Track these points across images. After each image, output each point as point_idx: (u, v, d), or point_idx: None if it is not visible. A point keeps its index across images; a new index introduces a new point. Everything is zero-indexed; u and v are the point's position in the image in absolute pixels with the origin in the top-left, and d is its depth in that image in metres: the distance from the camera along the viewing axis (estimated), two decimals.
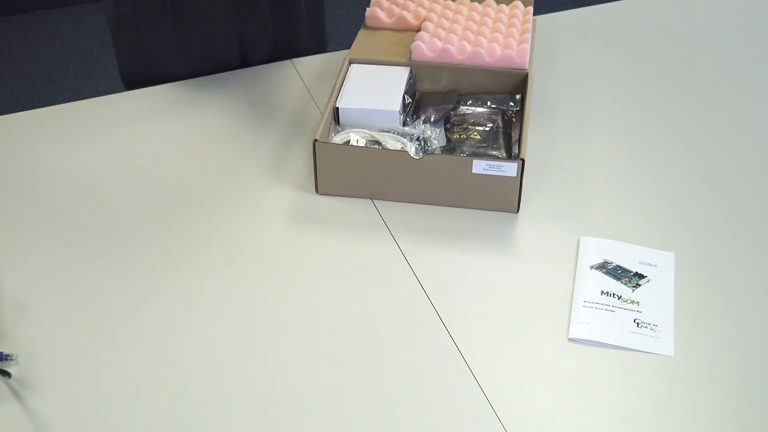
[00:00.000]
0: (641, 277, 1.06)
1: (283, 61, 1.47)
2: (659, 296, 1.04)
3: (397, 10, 1.41)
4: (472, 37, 1.33)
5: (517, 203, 1.15)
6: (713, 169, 1.25)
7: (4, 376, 0.91)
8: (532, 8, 1.43)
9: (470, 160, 1.11)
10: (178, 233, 1.12)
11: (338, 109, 1.21)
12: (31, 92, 2.77)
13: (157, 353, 0.96)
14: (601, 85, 1.43)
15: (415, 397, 0.92)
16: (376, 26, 1.40)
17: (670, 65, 1.49)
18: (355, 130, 1.20)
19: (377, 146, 1.17)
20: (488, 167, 1.11)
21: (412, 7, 1.42)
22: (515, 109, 1.28)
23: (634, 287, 1.05)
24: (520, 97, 1.29)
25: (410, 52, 1.31)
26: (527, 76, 1.28)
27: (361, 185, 1.17)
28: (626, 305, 1.02)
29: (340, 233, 1.12)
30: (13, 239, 1.11)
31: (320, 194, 1.19)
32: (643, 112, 1.37)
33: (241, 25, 1.40)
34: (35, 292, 1.03)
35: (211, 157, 1.25)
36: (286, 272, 1.07)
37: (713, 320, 1.01)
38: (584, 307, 1.02)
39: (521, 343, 0.98)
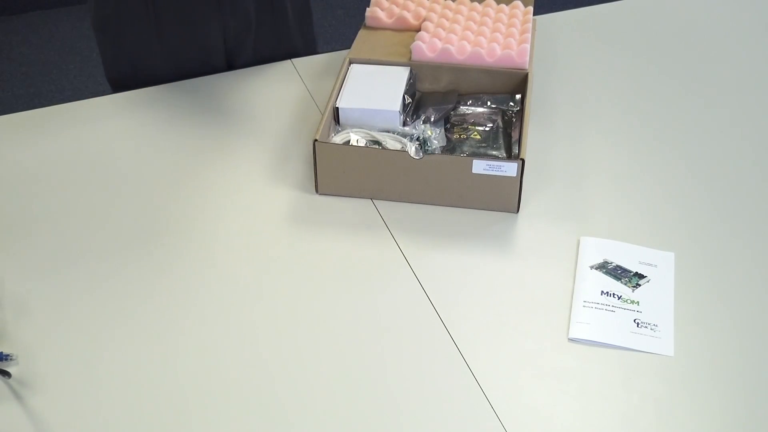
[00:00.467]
0: (641, 277, 1.06)
1: (282, 61, 1.47)
2: (659, 296, 1.04)
3: (397, 10, 1.41)
4: (472, 37, 1.33)
5: (517, 203, 1.15)
6: (713, 169, 1.25)
7: (4, 376, 0.91)
8: (532, 8, 1.43)
9: (470, 160, 1.11)
10: (178, 233, 1.12)
11: (338, 109, 1.21)
12: (31, 92, 2.77)
13: (156, 353, 0.96)
14: (601, 85, 1.43)
15: (415, 397, 0.92)
16: (376, 26, 1.40)
17: (670, 65, 1.49)
18: (355, 130, 1.20)
19: (377, 146, 1.17)
20: (488, 167, 1.11)
21: (412, 7, 1.42)
22: (515, 109, 1.28)
23: (634, 287, 1.05)
24: (520, 97, 1.29)
25: (410, 52, 1.31)
26: (527, 76, 1.28)
27: (361, 185, 1.17)
28: (626, 305, 1.02)
29: (340, 233, 1.12)
30: (13, 239, 1.11)
31: (320, 194, 1.19)
32: (643, 111, 1.37)
33: (224, 25, 1.39)
34: (35, 292, 1.03)
35: (211, 157, 1.25)
36: (285, 272, 1.07)
37: (713, 320, 1.01)
38: (584, 307, 1.02)
39: (521, 343, 0.98)
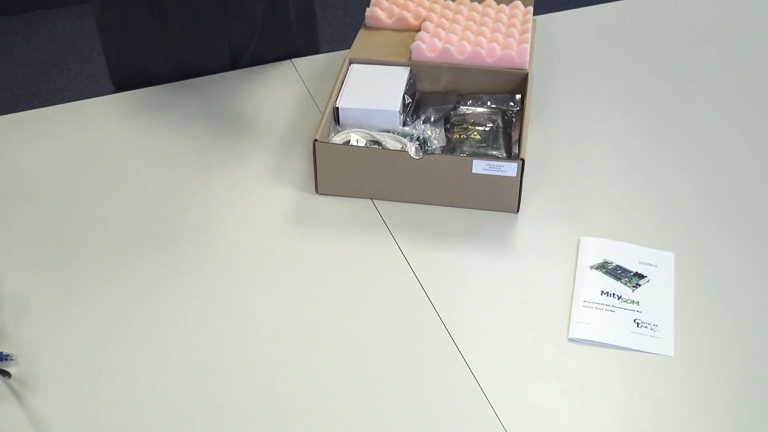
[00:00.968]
0: (641, 277, 1.06)
1: (283, 61, 1.47)
2: (659, 296, 1.04)
3: (397, 10, 1.41)
4: (472, 37, 1.33)
5: (517, 203, 1.15)
6: (713, 169, 1.25)
7: (4, 376, 0.91)
8: (532, 8, 1.43)
9: (470, 160, 1.11)
10: (178, 233, 1.12)
11: (338, 109, 1.21)
12: (31, 92, 2.77)
13: (157, 353, 0.96)
14: (601, 85, 1.43)
15: (415, 397, 0.92)
16: (376, 26, 1.40)
17: (670, 65, 1.49)
18: (355, 130, 1.20)
19: (377, 146, 1.17)
20: (488, 167, 1.11)
21: (412, 7, 1.42)
22: (515, 109, 1.28)
23: (634, 287, 1.05)
24: (520, 97, 1.29)
25: (410, 52, 1.31)
26: (527, 76, 1.28)
27: (361, 185, 1.17)
28: (626, 305, 1.02)
29: (340, 233, 1.12)
30: (13, 239, 1.11)
31: (320, 194, 1.19)
32: (643, 111, 1.37)
33: (229, 26, 1.39)
34: (35, 292, 1.03)
35: (211, 157, 1.25)
36: (285, 272, 1.07)
37: (713, 320, 1.01)
38: (584, 307, 1.02)
39: (521, 343, 0.98)
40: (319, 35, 1.57)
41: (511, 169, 1.11)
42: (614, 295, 1.03)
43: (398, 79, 1.26)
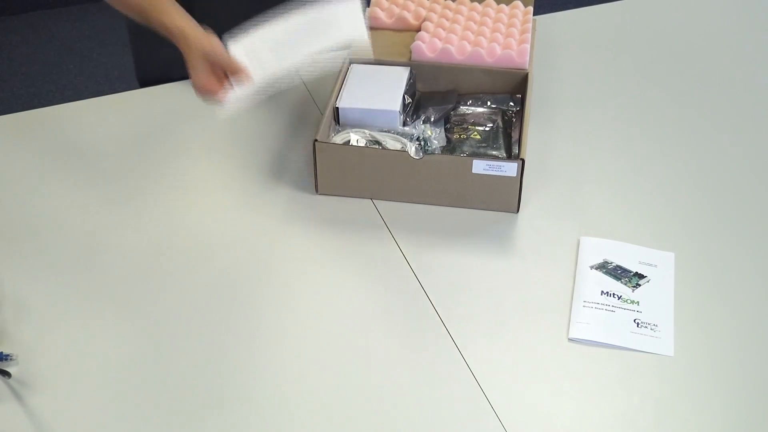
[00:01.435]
0: (641, 277, 1.06)
1: None
2: (659, 296, 1.04)
3: (397, 10, 1.41)
4: (472, 37, 1.33)
5: (517, 203, 1.15)
6: (713, 169, 1.25)
7: (4, 376, 0.91)
8: (532, 8, 1.43)
9: (470, 160, 1.11)
10: (178, 233, 1.12)
11: (338, 109, 1.21)
12: (31, 92, 2.77)
13: (156, 353, 0.96)
14: (600, 85, 1.43)
15: (415, 396, 0.92)
16: (376, 26, 1.40)
17: (670, 65, 1.49)
18: (355, 130, 1.20)
19: (377, 146, 1.17)
20: (488, 167, 1.11)
21: (412, 7, 1.42)
22: (515, 109, 1.28)
23: (634, 287, 1.05)
24: (520, 97, 1.29)
25: (410, 52, 1.31)
26: (527, 76, 1.28)
27: (361, 185, 1.17)
28: (626, 305, 1.02)
29: (340, 233, 1.12)
30: (13, 239, 1.11)
31: (320, 194, 1.19)
32: (643, 111, 1.37)
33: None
34: (35, 292, 1.03)
35: (211, 156, 1.25)
36: (285, 272, 1.07)
37: (713, 320, 1.01)
38: (584, 307, 1.02)
39: (521, 343, 0.98)
40: None
41: (511, 169, 1.11)
42: (614, 295, 1.03)
43: (398, 79, 1.26)
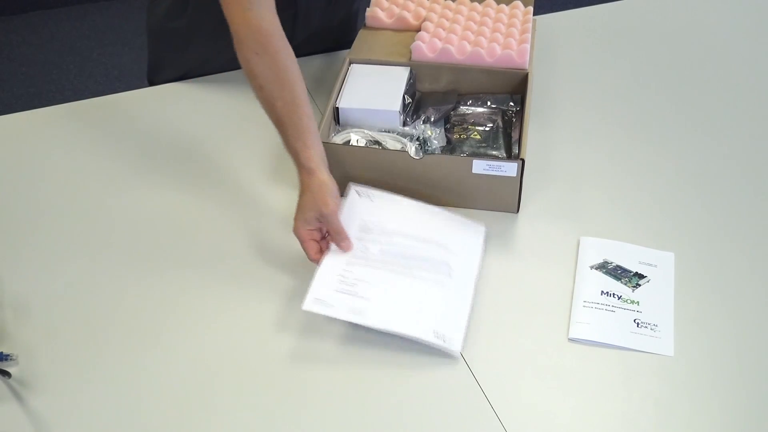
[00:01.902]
0: (641, 277, 1.06)
1: None
2: (659, 296, 1.04)
3: (397, 10, 1.41)
4: (472, 37, 1.33)
5: (517, 203, 1.15)
6: (713, 169, 1.25)
7: (4, 376, 0.91)
8: (532, 8, 1.43)
9: (470, 160, 1.11)
10: (177, 233, 1.12)
11: (338, 109, 1.21)
12: (31, 92, 2.77)
13: (156, 353, 0.96)
14: (601, 85, 1.43)
15: (415, 396, 0.92)
16: (376, 26, 1.40)
17: (670, 65, 1.49)
18: (355, 130, 1.20)
19: (377, 146, 1.17)
20: (488, 167, 1.11)
21: (412, 7, 1.42)
22: (515, 109, 1.28)
23: (634, 287, 1.05)
24: (520, 97, 1.29)
25: (410, 52, 1.31)
26: (527, 76, 1.28)
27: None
28: (626, 305, 1.02)
29: None
30: (13, 239, 1.11)
31: None
32: (643, 111, 1.37)
33: (291, 34, 1.37)
34: (35, 292, 1.03)
35: (211, 157, 1.25)
36: (285, 272, 1.07)
37: (713, 320, 1.01)
38: (584, 307, 1.02)
39: (521, 343, 0.98)
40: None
41: (511, 169, 1.11)
42: (614, 295, 1.03)
43: (398, 79, 1.26)
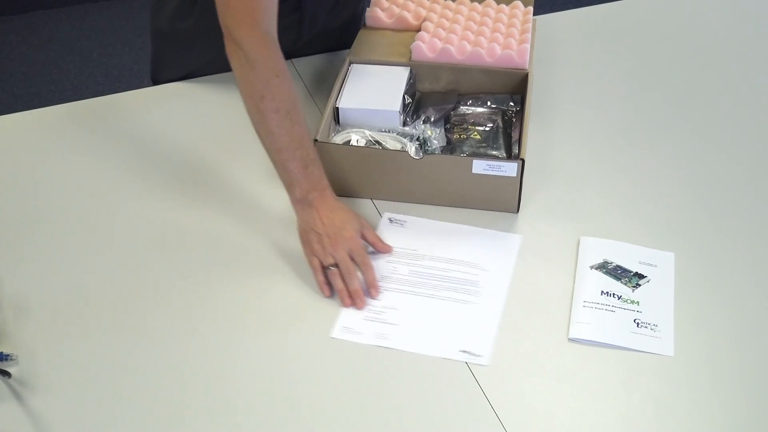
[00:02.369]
0: (641, 277, 1.06)
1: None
2: (659, 296, 1.04)
3: (397, 10, 1.41)
4: (472, 37, 1.33)
5: (517, 203, 1.15)
6: (713, 169, 1.25)
7: (4, 376, 0.91)
8: (532, 8, 1.43)
9: (470, 160, 1.11)
10: (178, 234, 1.12)
11: (338, 109, 1.21)
12: (31, 92, 2.77)
13: (156, 352, 0.96)
14: (601, 85, 1.43)
15: (415, 396, 0.92)
16: (376, 26, 1.40)
17: (670, 65, 1.49)
18: (355, 130, 1.20)
19: (377, 146, 1.17)
20: (488, 167, 1.11)
21: (412, 7, 1.42)
22: (515, 109, 1.28)
23: (634, 287, 1.05)
24: (520, 97, 1.29)
25: (410, 52, 1.31)
26: (527, 76, 1.28)
27: (361, 185, 1.17)
28: (626, 305, 1.02)
29: None
30: (13, 239, 1.11)
31: None
32: (642, 111, 1.37)
33: (296, 36, 1.38)
34: (35, 292, 1.03)
35: (211, 156, 1.25)
36: (285, 272, 1.07)
37: (713, 320, 1.01)
38: (584, 307, 1.02)
39: (521, 343, 0.98)
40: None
41: (511, 169, 1.11)
42: (614, 295, 1.03)
43: (398, 79, 1.26)
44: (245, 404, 0.91)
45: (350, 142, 1.18)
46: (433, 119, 1.25)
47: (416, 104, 1.28)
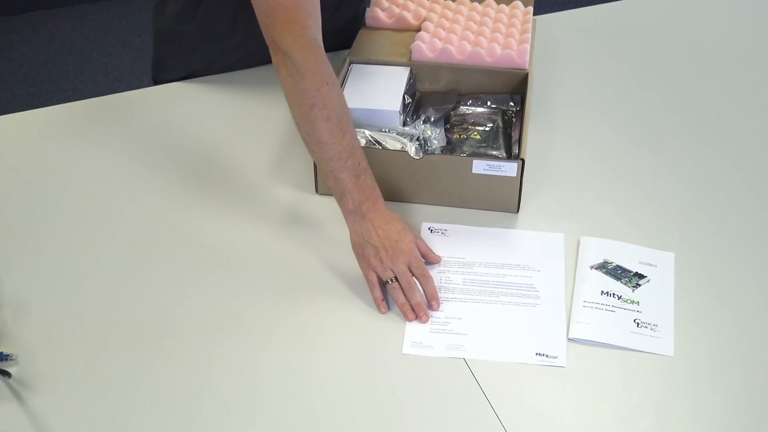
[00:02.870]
0: (641, 277, 1.06)
1: None
2: (659, 296, 1.04)
3: (397, 10, 1.41)
4: (472, 37, 1.33)
5: (517, 203, 1.15)
6: (713, 169, 1.25)
7: (4, 376, 0.91)
8: (532, 8, 1.43)
9: (470, 160, 1.11)
10: (178, 233, 1.12)
11: None
12: (31, 92, 2.77)
13: (155, 353, 0.96)
14: (600, 85, 1.43)
15: (415, 396, 0.92)
16: (376, 26, 1.40)
17: (669, 65, 1.49)
18: (355, 130, 1.20)
19: (377, 146, 1.17)
20: (488, 167, 1.11)
21: (412, 7, 1.42)
22: (515, 109, 1.28)
23: (634, 287, 1.05)
24: (520, 97, 1.29)
25: (410, 52, 1.31)
26: (527, 76, 1.28)
27: None
28: (626, 305, 1.02)
29: (340, 233, 1.12)
30: (13, 239, 1.11)
31: (320, 194, 1.19)
32: (642, 111, 1.37)
33: None
34: (35, 292, 1.03)
35: (211, 156, 1.25)
36: (285, 272, 1.07)
37: (713, 320, 1.01)
38: (584, 307, 1.02)
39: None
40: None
41: (511, 169, 1.11)
42: (614, 295, 1.03)
43: (398, 79, 1.26)
44: (244, 404, 0.91)
45: None
46: (433, 119, 1.25)
47: (416, 104, 1.28)
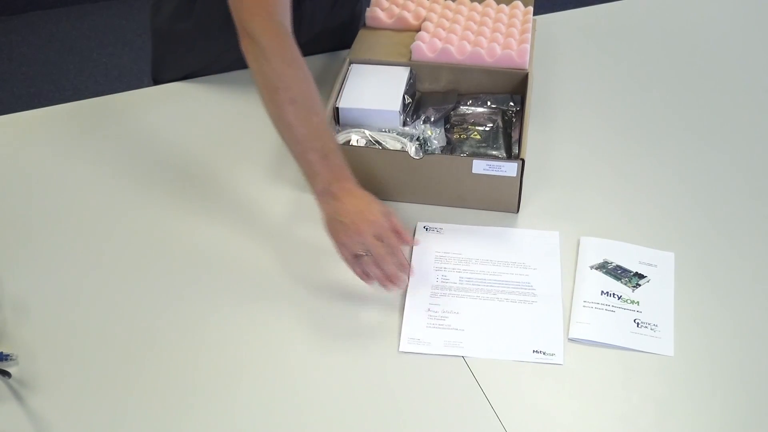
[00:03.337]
0: (641, 277, 1.06)
1: None
2: (659, 296, 1.04)
3: (397, 10, 1.41)
4: (472, 37, 1.33)
5: (517, 203, 1.15)
6: (713, 169, 1.25)
7: (4, 376, 0.91)
8: (532, 8, 1.43)
9: (470, 160, 1.11)
10: (177, 233, 1.12)
11: (338, 109, 1.21)
12: (31, 92, 2.77)
13: (156, 352, 0.96)
14: (601, 85, 1.43)
15: (415, 396, 0.92)
16: (376, 26, 1.40)
17: (670, 65, 1.49)
18: (355, 130, 1.20)
19: (377, 146, 1.17)
20: (488, 167, 1.11)
21: (412, 7, 1.42)
22: (515, 109, 1.28)
23: (634, 287, 1.05)
24: (520, 97, 1.29)
25: (410, 52, 1.31)
26: (527, 76, 1.28)
27: (361, 185, 1.17)
28: (626, 305, 1.02)
29: None
30: (13, 239, 1.11)
31: None
32: (643, 111, 1.37)
33: (296, 36, 1.37)
34: (35, 292, 1.03)
35: (211, 156, 1.25)
36: (285, 272, 1.07)
37: (713, 320, 1.01)
38: (584, 307, 1.02)
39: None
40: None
41: (511, 169, 1.11)
42: (614, 295, 1.03)
43: (398, 79, 1.26)
44: (244, 404, 0.91)
45: (350, 142, 1.18)
46: (433, 119, 1.25)
47: (416, 104, 1.28)
